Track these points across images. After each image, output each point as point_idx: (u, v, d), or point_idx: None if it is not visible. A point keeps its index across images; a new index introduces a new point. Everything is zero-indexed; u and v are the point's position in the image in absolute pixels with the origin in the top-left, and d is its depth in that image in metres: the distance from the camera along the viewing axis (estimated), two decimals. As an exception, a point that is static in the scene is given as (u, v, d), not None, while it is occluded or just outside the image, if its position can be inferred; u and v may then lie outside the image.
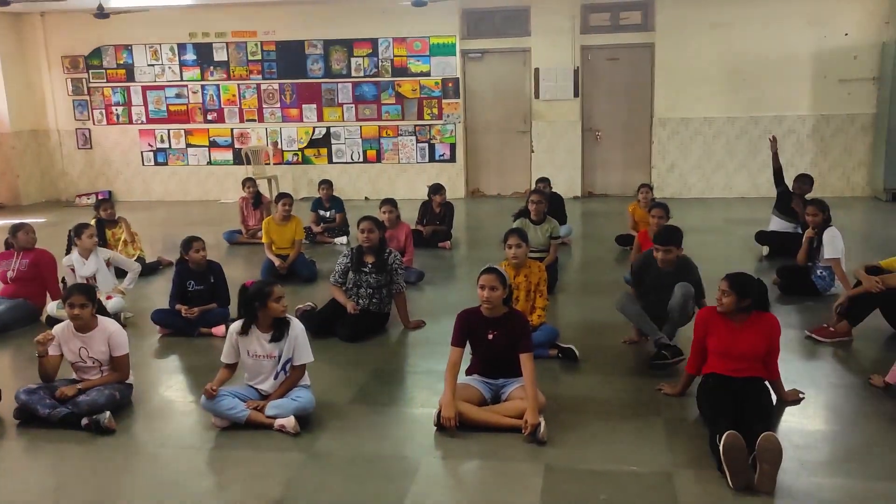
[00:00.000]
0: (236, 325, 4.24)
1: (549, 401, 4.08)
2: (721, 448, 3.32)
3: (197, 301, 5.85)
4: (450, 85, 12.06)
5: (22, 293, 6.13)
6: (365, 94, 12.26)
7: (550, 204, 7.61)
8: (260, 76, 12.41)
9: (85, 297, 4.31)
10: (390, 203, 7.28)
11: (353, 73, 12.21)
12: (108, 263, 6.46)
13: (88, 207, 11.89)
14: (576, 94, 11.77)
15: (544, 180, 8.74)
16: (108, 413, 4.07)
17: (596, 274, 7.48)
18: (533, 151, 12.06)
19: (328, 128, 12.44)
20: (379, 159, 12.44)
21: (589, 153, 11.99)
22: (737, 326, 3.98)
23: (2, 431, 4.15)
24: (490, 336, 4.08)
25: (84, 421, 4.06)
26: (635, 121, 11.93)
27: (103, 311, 4.86)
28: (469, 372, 4.24)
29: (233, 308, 5.96)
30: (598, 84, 11.89)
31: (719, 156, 11.70)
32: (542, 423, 3.77)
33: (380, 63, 12.14)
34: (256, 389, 4.20)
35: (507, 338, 4.03)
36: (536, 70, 11.78)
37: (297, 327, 4.23)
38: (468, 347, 4.19)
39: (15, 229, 6.26)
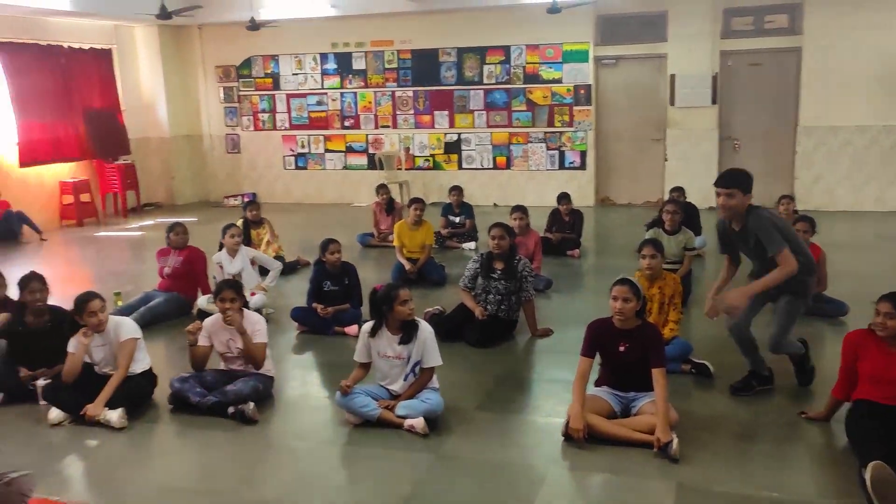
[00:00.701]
0: (367, 326, 4.39)
1: (682, 417, 3.95)
2: (869, 480, 3.11)
3: (332, 301, 6.10)
4: (582, 92, 11.94)
5: (176, 287, 6.61)
6: (496, 100, 12.35)
7: (685, 214, 7.37)
8: (395, 84, 12.78)
9: (234, 293, 4.59)
10: (521, 210, 7.29)
11: (485, 80, 12.34)
12: (252, 262, 6.86)
13: (234, 208, 12.66)
14: (713, 102, 11.34)
15: (679, 190, 8.48)
16: (252, 404, 4.32)
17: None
18: (666, 160, 11.72)
19: (459, 134, 12.63)
20: (508, 166, 12.49)
21: (726, 163, 11.47)
22: (892, 351, 3.71)
23: (158, 415, 4.49)
24: (621, 348, 4.01)
25: (230, 410, 4.33)
26: (777, 129, 11.33)
27: (245, 306, 5.18)
28: (598, 383, 4.19)
29: (365, 309, 6.19)
30: (738, 91, 11.39)
31: (871, 167, 10.91)
32: (675, 440, 3.66)
33: (512, 70, 12.19)
34: (387, 389, 4.33)
35: (639, 351, 3.95)
36: (672, 76, 11.45)
37: (425, 330, 4.32)
38: (598, 358, 4.14)
39: (169, 229, 6.77)
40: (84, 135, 11.88)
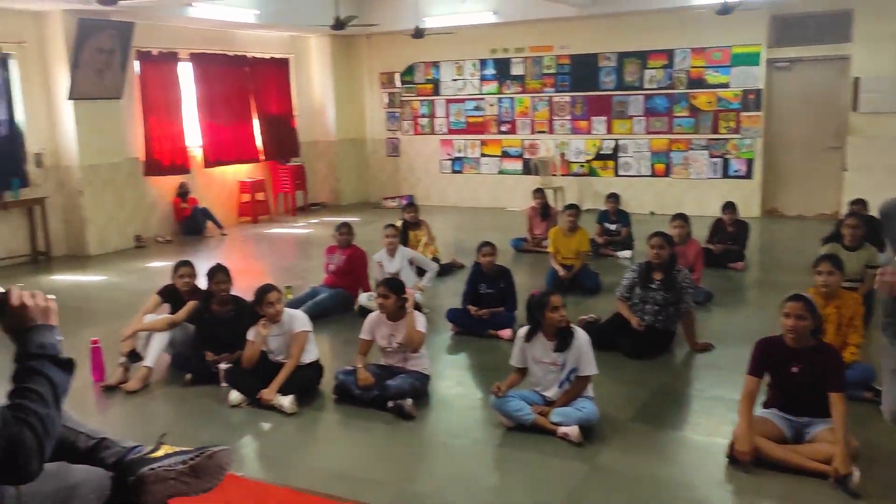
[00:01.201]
0: (523, 331, 4.42)
1: (863, 449, 3.67)
2: None
3: (487, 303, 6.19)
4: (751, 97, 11.34)
5: (340, 284, 6.96)
6: (657, 106, 12.01)
7: (868, 229, 6.81)
8: (553, 89, 12.74)
9: (389, 290, 4.78)
10: (681, 218, 7.05)
11: (646, 85, 12.02)
12: (410, 262, 7.10)
13: (392, 210, 13.12)
14: (903, 106, 10.41)
15: (860, 202, 7.85)
16: (410, 400, 4.48)
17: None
18: (845, 170, 10.88)
19: (616, 140, 12.39)
20: (667, 173, 12.10)
21: (916, 173, 10.52)
22: None
23: (323, 404, 4.76)
24: (794, 369, 3.78)
25: (389, 404, 4.51)
26: (981, 137, 10.22)
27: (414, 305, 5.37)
28: (767, 405, 3.97)
29: (521, 313, 6.23)
30: (934, 94, 10.38)
31: None
32: (856, 472, 3.40)
33: (674, 75, 11.81)
34: (541, 395, 4.34)
35: (814, 373, 3.71)
36: (856, 80, 10.62)
37: (581, 337, 4.29)
38: (766, 378, 3.93)
39: (336, 229, 7.14)
40: (262, 138, 12.77)
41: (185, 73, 11.54)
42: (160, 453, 2.15)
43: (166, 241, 10.94)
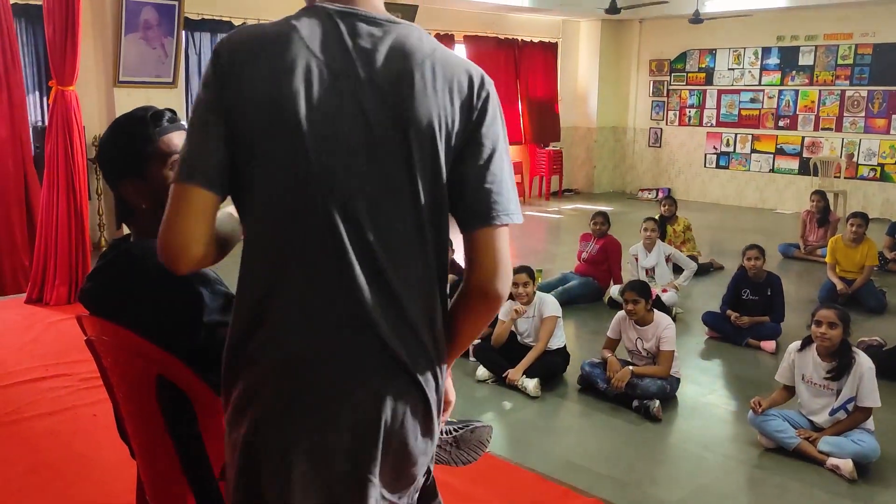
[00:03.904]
0: (795, 345, 4.02)
1: None
2: None
3: (750, 310, 5.74)
4: None
5: (591, 273, 6.85)
6: (979, 105, 10.29)
7: None
8: (847, 82, 11.42)
9: (638, 295, 4.59)
10: None
11: (968, 81, 10.34)
12: (667, 259, 6.79)
13: (648, 202, 12.70)
14: None
15: None
16: (657, 402, 4.29)
17: None
18: None
19: (921, 143, 10.83)
20: (984, 185, 10.34)
21: None
22: None
23: (566, 392, 4.73)
24: None
25: (635, 403, 4.36)
26: None
27: (660, 303, 5.14)
28: None
29: (786, 325, 5.71)
30: None
31: None
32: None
33: None
34: (809, 420, 3.93)
35: None
36: None
37: (864, 364, 3.80)
38: None
39: (592, 217, 7.03)
40: (525, 121, 12.97)
41: (459, 54, 12.04)
42: None
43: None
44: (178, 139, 1.72)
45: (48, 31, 4.93)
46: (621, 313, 4.79)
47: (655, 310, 4.72)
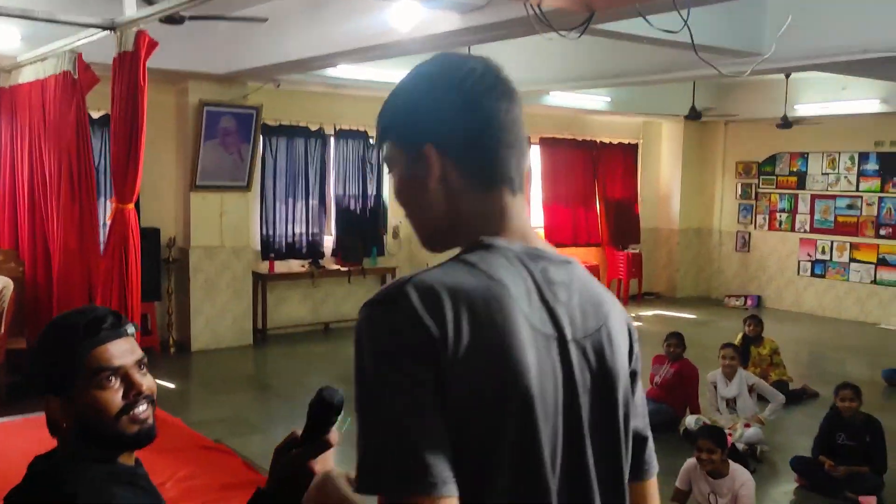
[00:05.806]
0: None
1: None
2: None
3: (846, 458, 5.07)
4: None
5: (665, 399, 6.31)
6: None
7: None
8: (956, 190, 10.60)
9: (712, 443, 4.12)
10: None
11: None
12: (750, 389, 6.17)
13: (735, 309, 11.99)
14: None
15: None
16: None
17: None
18: None
19: None
20: None
21: None
22: None
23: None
24: None
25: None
26: None
27: (735, 453, 4.60)
28: None
29: (890, 476, 5.02)
30: None
31: None
32: None
33: None
34: None
35: None
36: None
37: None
38: None
39: (666, 339, 6.53)
40: (602, 223, 12.61)
41: (533, 156, 11.91)
42: None
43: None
44: (115, 350, 1.50)
45: (113, 149, 5.03)
46: (691, 461, 4.28)
47: (730, 460, 4.20)
